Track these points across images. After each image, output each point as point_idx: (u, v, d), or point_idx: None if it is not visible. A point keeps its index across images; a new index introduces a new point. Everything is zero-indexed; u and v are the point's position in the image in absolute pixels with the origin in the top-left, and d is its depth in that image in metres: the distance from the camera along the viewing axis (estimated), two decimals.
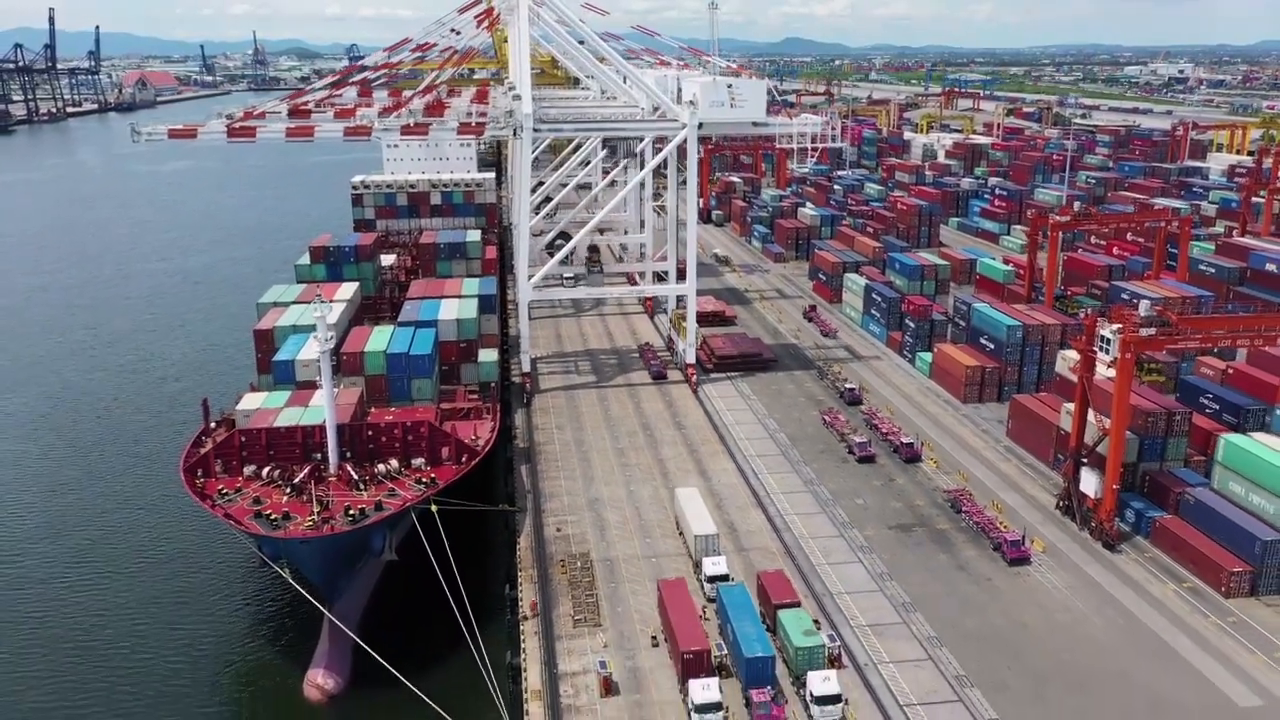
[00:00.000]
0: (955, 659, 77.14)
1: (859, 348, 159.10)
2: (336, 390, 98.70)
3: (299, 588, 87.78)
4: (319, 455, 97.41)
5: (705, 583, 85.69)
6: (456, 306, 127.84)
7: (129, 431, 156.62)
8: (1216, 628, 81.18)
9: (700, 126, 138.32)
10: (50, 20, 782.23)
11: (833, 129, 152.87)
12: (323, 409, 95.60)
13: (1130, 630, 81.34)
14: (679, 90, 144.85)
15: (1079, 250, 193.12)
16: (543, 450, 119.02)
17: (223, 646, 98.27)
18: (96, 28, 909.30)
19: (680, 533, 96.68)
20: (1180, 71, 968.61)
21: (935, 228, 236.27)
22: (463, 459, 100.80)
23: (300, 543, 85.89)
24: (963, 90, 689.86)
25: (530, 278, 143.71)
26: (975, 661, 76.80)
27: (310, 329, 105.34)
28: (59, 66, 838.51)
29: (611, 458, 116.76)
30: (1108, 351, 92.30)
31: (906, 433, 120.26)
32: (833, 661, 74.80)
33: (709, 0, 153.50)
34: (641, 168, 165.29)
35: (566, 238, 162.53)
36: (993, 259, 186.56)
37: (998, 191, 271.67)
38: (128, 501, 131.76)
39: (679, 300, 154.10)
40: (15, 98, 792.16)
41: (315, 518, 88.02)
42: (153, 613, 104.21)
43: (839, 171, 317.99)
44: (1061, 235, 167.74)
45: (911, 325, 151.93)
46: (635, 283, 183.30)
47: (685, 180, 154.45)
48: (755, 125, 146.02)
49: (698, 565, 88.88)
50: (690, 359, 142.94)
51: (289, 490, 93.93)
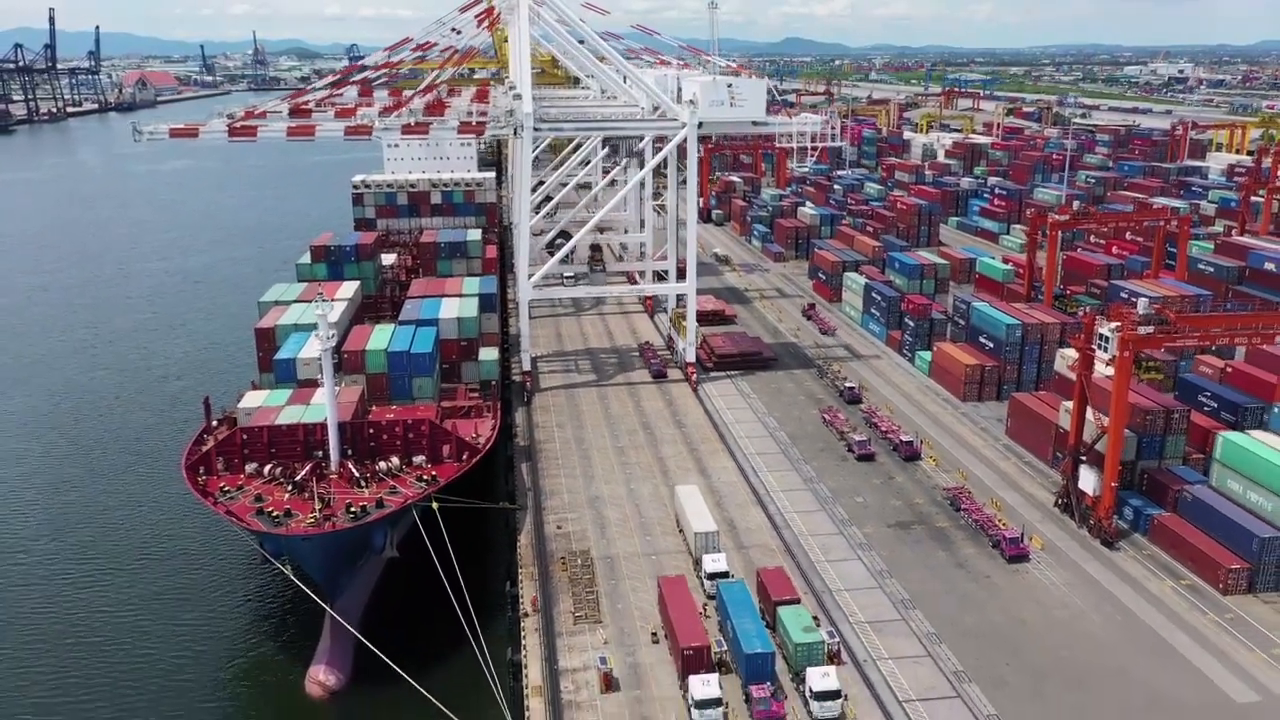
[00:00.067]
0: (954, 655, 77.51)
1: (859, 347, 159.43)
2: (338, 388, 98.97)
3: (300, 584, 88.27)
4: (320, 453, 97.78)
5: (705, 580, 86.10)
6: (457, 305, 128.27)
7: (130, 430, 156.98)
8: (1214, 624, 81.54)
9: (700, 126, 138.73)
10: (50, 20, 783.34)
11: (832, 128, 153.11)
12: (324, 407, 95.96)
13: (1128, 627, 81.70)
14: (679, 90, 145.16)
15: (1078, 249, 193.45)
16: (543, 448, 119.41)
17: (225, 643, 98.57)
18: (96, 28, 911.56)
19: (680, 530, 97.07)
20: (1180, 71, 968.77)
21: (935, 227, 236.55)
22: (463, 457, 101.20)
23: (302, 539, 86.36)
24: (962, 90, 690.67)
25: (530, 277, 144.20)
26: (974, 658, 77.17)
27: (311, 327, 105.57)
28: (59, 66, 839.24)
29: (612, 456, 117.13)
30: (1106, 350, 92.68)
31: (906, 431, 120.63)
32: (832, 658, 75.12)
33: (709, 0, 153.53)
34: (642, 167, 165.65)
35: (566, 237, 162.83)
36: (992, 258, 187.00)
37: (997, 191, 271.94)
38: (130, 499, 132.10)
39: (679, 299, 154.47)
40: (15, 97, 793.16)
41: (317, 515, 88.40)
42: (155, 609, 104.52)
43: (839, 171, 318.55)
44: (1061, 234, 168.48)
45: (911, 324, 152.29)
46: (635, 282, 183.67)
47: (685, 179, 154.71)
48: (755, 125, 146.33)
49: (698, 562, 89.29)
50: (690, 358, 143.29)
51: (290, 488, 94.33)
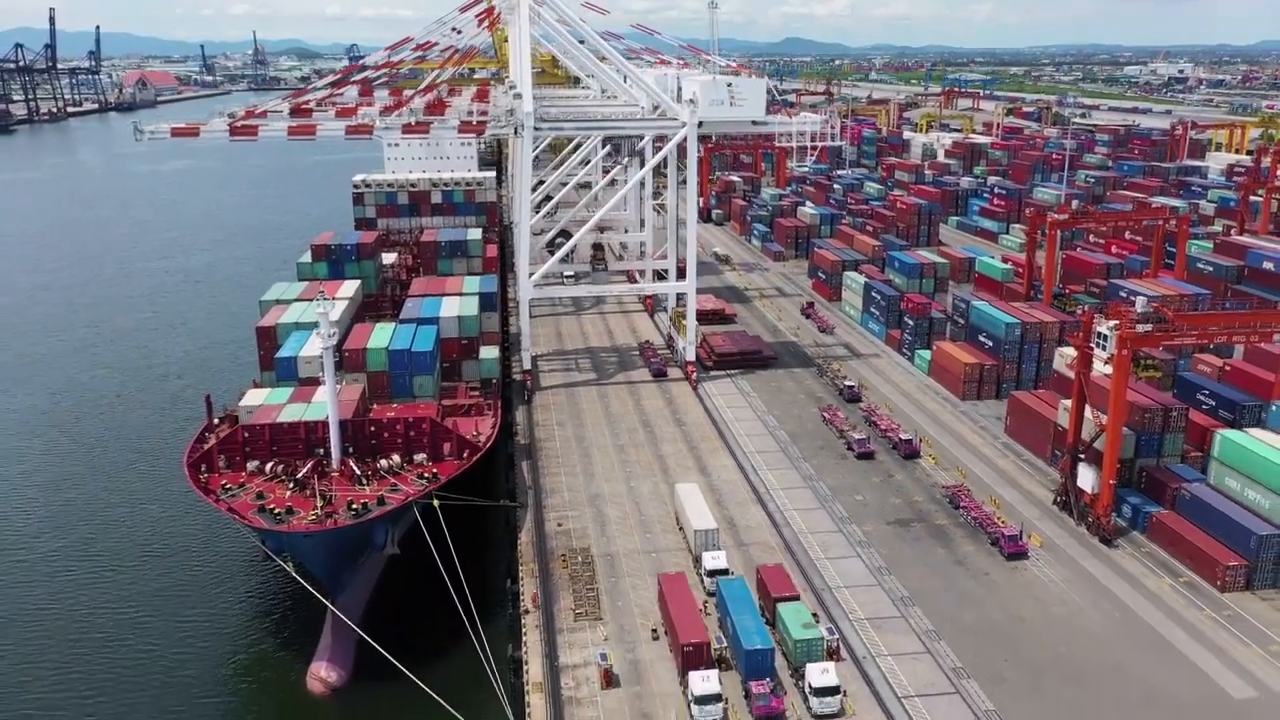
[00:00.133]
0: (953, 652, 77.85)
1: (858, 345, 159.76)
2: (339, 386, 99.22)
3: (302, 581, 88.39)
4: (321, 451, 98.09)
5: (705, 577, 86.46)
6: (457, 304, 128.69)
7: (132, 428, 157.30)
8: (1212, 621, 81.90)
9: (700, 125, 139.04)
10: (50, 20, 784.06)
11: (832, 128, 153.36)
12: (325, 405, 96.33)
13: (1126, 623, 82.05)
14: (679, 89, 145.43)
15: (1077, 249, 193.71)
16: (543, 446, 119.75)
17: (226, 640, 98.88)
18: (97, 28, 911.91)
19: (680, 528, 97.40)
20: (1180, 71, 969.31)
21: (934, 226, 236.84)
22: (464, 455, 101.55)
23: (303, 537, 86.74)
24: (962, 90, 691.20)
25: (531, 276, 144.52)
26: (973, 654, 77.53)
27: (312, 326, 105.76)
28: (59, 66, 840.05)
29: (612, 454, 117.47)
30: (1105, 348, 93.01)
31: (905, 429, 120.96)
32: (831, 654, 75.45)
33: (709, 0, 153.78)
34: (642, 166, 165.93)
35: (567, 236, 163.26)
36: (991, 257, 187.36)
37: (997, 190, 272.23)
38: (132, 497, 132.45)
39: (679, 298, 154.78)
40: (16, 97, 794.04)
41: (318, 512, 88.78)
42: (157, 606, 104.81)
43: (839, 171, 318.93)
44: (1060, 234, 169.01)
45: (910, 323, 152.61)
46: (635, 281, 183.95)
47: (685, 179, 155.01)
48: (755, 124, 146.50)
49: (698, 560, 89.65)
50: (690, 356, 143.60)
51: (292, 485, 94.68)
